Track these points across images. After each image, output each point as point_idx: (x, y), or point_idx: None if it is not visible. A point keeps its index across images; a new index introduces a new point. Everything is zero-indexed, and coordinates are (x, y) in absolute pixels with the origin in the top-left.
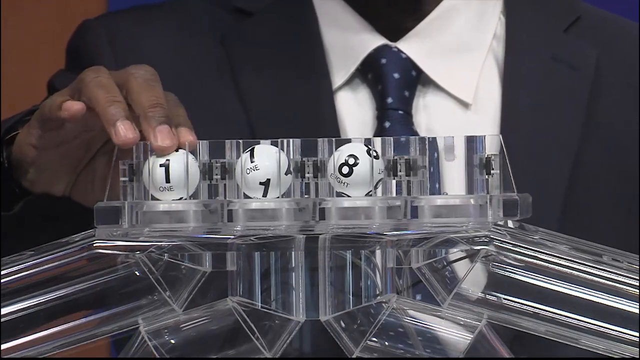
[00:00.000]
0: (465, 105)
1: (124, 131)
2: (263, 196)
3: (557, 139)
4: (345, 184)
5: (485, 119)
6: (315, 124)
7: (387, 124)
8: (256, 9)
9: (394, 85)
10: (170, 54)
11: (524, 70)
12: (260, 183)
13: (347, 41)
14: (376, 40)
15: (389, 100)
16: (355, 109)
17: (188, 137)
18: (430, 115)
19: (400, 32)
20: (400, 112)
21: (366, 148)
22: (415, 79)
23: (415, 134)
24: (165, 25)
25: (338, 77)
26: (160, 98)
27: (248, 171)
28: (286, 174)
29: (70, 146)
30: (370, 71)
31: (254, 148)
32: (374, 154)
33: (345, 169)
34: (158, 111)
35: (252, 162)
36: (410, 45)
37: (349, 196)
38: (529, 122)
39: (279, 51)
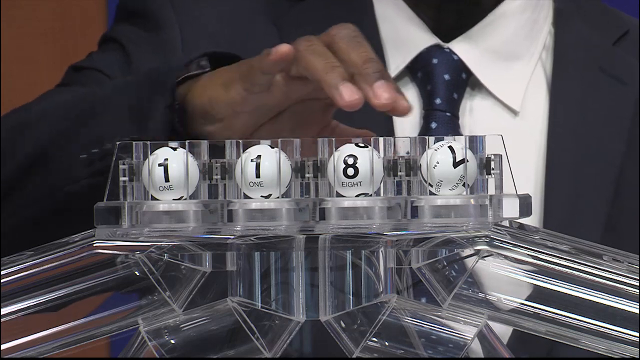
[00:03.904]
0: (512, 112)
1: (349, 93)
2: None
3: (601, 151)
4: (357, 183)
5: (531, 128)
6: (370, 116)
7: (433, 125)
8: None
9: (444, 86)
10: (226, 27)
11: (571, 82)
12: (262, 196)
13: (400, 36)
14: (429, 39)
15: (437, 101)
16: None
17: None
18: (476, 119)
19: (453, 33)
20: (448, 114)
21: (362, 145)
22: (464, 81)
23: None
24: None
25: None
26: (371, 52)
27: (251, 184)
28: (287, 186)
29: (267, 112)
30: (420, 70)
31: (259, 163)
32: (368, 147)
33: (350, 171)
34: (372, 66)
35: (257, 177)
36: (463, 47)
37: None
38: (575, 133)
39: None
